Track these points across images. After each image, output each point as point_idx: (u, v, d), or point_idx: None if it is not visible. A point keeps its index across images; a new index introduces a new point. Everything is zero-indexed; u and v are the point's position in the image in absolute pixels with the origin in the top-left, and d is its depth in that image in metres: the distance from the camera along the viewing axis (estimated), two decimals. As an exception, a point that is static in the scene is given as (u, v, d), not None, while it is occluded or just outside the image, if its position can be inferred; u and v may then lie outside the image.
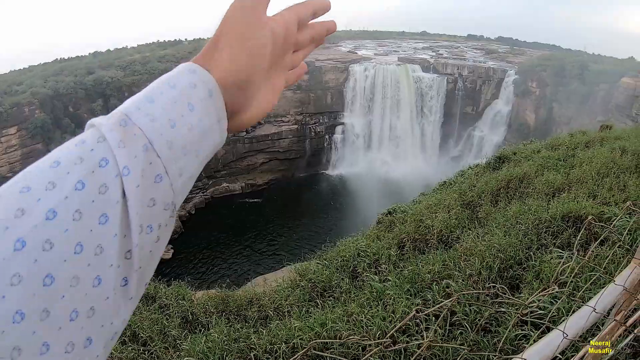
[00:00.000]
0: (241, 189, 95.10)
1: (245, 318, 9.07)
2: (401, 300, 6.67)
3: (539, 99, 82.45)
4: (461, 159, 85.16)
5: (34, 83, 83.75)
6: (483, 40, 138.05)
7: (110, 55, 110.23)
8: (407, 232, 10.36)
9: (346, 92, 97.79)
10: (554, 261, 6.75)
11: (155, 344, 8.06)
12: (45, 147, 77.60)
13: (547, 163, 13.33)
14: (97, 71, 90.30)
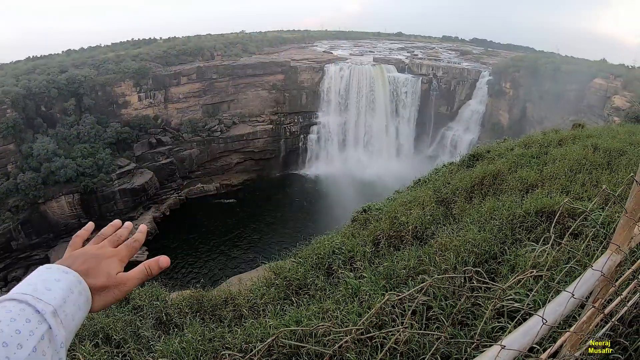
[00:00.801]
0: (216, 189, 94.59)
1: (220, 318, 9.01)
2: (377, 296, 6.63)
3: (513, 99, 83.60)
4: (436, 158, 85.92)
5: (5, 82, 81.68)
6: (458, 42, 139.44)
7: (84, 53, 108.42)
8: (382, 229, 10.35)
9: (321, 92, 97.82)
10: (529, 255, 6.77)
11: (129, 346, 7.95)
12: (17, 147, 76.14)
13: (520, 160, 13.48)
14: (71, 70, 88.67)
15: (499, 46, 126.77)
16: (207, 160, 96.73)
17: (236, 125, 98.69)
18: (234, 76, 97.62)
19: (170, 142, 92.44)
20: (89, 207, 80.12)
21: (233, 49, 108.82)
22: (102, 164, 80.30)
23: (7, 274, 73.91)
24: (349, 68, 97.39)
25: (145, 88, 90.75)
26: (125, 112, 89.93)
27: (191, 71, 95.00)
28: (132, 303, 10.20)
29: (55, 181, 75.84)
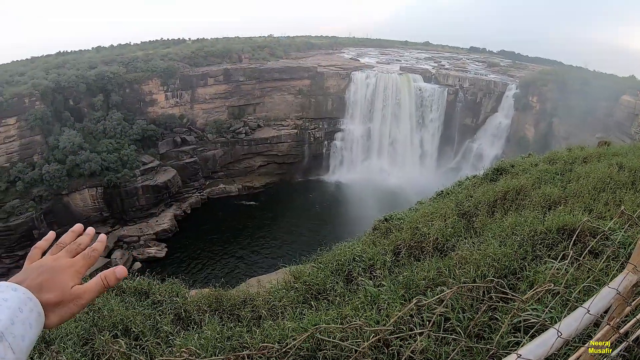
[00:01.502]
0: (238, 190, 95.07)
1: (239, 317, 9.11)
2: (396, 304, 6.71)
3: (539, 113, 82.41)
4: (459, 170, 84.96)
5: (35, 75, 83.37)
6: (485, 53, 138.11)
7: (114, 50, 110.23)
8: (403, 239, 10.40)
9: (347, 98, 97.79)
10: (548, 272, 6.80)
11: (148, 339, 8.08)
12: (43, 139, 77.58)
13: (544, 176, 13.42)
14: (100, 66, 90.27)
15: (527, 59, 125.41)
16: (230, 162, 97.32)
17: (261, 128, 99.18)
18: (261, 79, 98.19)
19: (194, 142, 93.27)
20: (111, 201, 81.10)
21: (261, 53, 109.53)
22: (127, 160, 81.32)
23: (28, 262, 74.74)
24: (375, 76, 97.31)
25: (172, 87, 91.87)
26: (152, 110, 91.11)
27: (218, 73, 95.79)
28: (151, 298, 10.35)
29: (80, 174, 77.02)
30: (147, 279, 11.41)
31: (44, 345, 8.12)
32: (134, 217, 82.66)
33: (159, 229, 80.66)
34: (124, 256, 74.55)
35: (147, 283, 11.07)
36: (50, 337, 8.27)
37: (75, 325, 8.51)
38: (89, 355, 7.64)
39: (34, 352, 7.82)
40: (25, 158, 76.40)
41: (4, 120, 73.91)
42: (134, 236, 79.13)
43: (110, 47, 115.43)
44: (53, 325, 1.95)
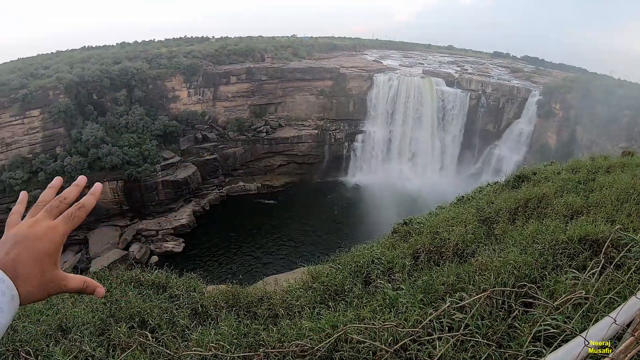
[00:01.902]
0: (257, 189, 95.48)
1: (255, 315, 9.14)
2: (414, 309, 6.70)
3: (562, 120, 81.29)
4: (479, 177, 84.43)
5: (60, 68, 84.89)
6: (509, 59, 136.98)
7: (137, 47, 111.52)
8: (422, 243, 10.37)
9: (369, 100, 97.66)
10: (569, 282, 6.74)
11: (164, 332, 8.14)
12: (66, 131, 78.68)
13: (566, 185, 13.29)
14: (124, 62, 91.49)
15: (551, 65, 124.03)
16: (250, 160, 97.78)
17: (282, 128, 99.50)
18: (283, 79, 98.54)
19: (215, 139, 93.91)
20: (131, 195, 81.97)
21: (283, 52, 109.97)
22: (148, 155, 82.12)
23: (46, 252, 75.85)
24: (397, 79, 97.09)
25: (195, 84, 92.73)
26: (174, 106, 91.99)
27: (241, 71, 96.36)
28: (169, 291, 10.41)
29: (101, 167, 78.05)
30: (165, 272, 11.48)
31: (60, 333, 8.22)
32: (153, 212, 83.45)
33: (177, 224, 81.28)
34: (141, 249, 75.31)
35: (165, 277, 11.16)
36: (67, 326, 8.37)
37: (93, 315, 8.61)
38: (105, 345, 7.72)
39: (49, 339, 7.93)
40: (47, 150, 77.66)
41: (29, 112, 75.27)
42: (152, 230, 79.85)
43: (134, 43, 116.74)
44: (27, 303, 1.80)
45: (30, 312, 9.16)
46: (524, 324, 5.72)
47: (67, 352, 7.36)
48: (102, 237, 77.89)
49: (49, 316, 8.80)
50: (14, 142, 75.88)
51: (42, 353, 7.54)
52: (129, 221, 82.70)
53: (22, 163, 75.27)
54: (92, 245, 76.37)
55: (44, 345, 7.75)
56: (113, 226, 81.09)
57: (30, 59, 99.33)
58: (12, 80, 76.34)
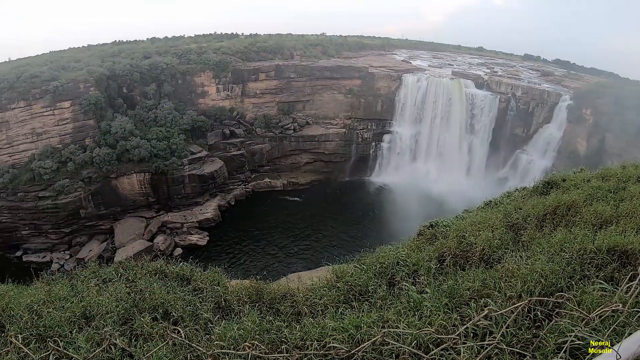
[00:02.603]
0: (283, 186, 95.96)
1: (278, 311, 9.15)
2: (439, 313, 6.66)
3: (592, 127, 79.47)
4: (507, 181, 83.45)
5: (91, 62, 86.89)
6: (539, 62, 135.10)
7: (167, 42, 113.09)
8: (448, 247, 10.29)
9: (397, 101, 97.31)
10: (596, 293, 6.64)
11: (186, 325, 8.19)
12: (96, 123, 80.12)
13: (596, 193, 13.05)
14: (154, 56, 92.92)
15: (582, 69, 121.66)
16: (277, 157, 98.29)
17: (309, 126, 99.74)
18: (312, 77, 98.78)
19: (243, 135, 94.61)
20: (158, 188, 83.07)
21: (312, 51, 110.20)
22: (175, 148, 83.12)
23: (72, 239, 78.43)
24: (426, 79, 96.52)
25: (224, 80, 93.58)
26: (203, 101, 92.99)
27: (270, 68, 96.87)
28: (193, 284, 10.47)
29: (129, 159, 79.24)
30: (189, 265, 11.56)
31: (84, 321, 8.33)
32: (179, 204, 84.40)
33: (202, 217, 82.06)
34: (166, 241, 76.25)
35: (190, 269, 11.24)
36: (90, 314, 8.48)
37: (117, 304, 8.70)
38: (127, 335, 7.80)
39: (73, 326, 8.06)
40: (77, 140, 79.18)
41: (59, 103, 76.83)
42: (178, 223, 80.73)
43: (164, 38, 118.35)
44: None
45: (55, 298, 9.31)
46: (550, 334, 5.65)
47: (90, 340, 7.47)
48: (128, 228, 79.01)
49: (73, 303, 8.91)
50: (44, 133, 77.49)
51: (66, 339, 7.67)
52: (155, 213, 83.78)
53: (52, 153, 76.80)
54: (118, 235, 77.51)
55: (67, 331, 7.88)
56: (139, 217, 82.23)
57: (62, 52, 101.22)
58: (44, 72, 78.21)
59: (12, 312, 8.68)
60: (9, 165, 76.38)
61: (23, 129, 76.34)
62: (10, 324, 8.27)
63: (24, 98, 75.25)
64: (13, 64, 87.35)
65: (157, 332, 7.75)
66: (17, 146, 76.94)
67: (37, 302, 9.07)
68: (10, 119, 75.06)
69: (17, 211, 75.97)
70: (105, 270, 11.38)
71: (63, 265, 73.77)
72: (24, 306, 8.90)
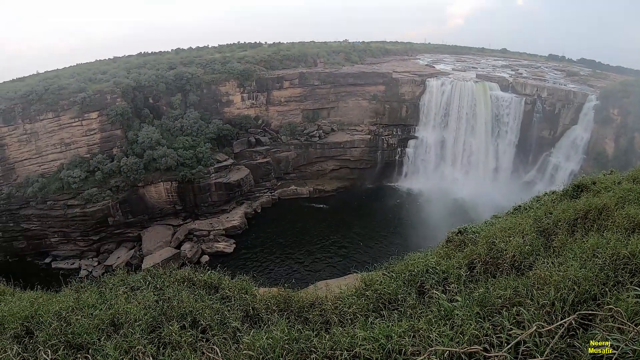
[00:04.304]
0: (309, 193, 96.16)
1: (307, 320, 9.09)
2: (470, 322, 6.57)
3: (620, 127, 77.59)
4: (534, 184, 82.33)
5: (117, 73, 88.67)
6: (564, 62, 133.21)
7: (192, 52, 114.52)
8: (478, 254, 10.15)
9: (422, 105, 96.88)
10: (631, 300, 6.48)
11: (215, 333, 8.19)
12: (123, 133, 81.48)
13: (628, 196, 12.74)
14: (179, 67, 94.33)
15: (608, 68, 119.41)
16: (302, 164, 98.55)
17: (334, 133, 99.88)
18: (336, 84, 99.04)
19: (268, 143, 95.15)
20: (185, 196, 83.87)
21: (336, 57, 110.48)
22: (202, 157, 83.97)
23: (101, 246, 79.75)
24: (450, 83, 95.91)
25: (248, 89, 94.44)
26: (228, 110, 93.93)
27: (294, 76, 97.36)
28: (221, 292, 10.48)
29: (156, 168, 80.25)
30: (217, 273, 11.58)
31: (112, 328, 8.40)
32: (206, 212, 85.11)
33: (228, 225, 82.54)
34: (193, 248, 76.81)
35: (218, 277, 11.26)
36: (118, 322, 8.54)
37: (145, 312, 8.75)
38: (155, 343, 7.83)
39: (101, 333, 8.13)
40: (105, 150, 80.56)
41: (87, 114, 78.46)
42: (204, 230, 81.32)
43: (188, 49, 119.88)
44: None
45: (84, 305, 9.41)
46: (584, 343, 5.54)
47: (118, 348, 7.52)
48: (155, 235, 79.82)
49: (102, 311, 9.00)
50: (72, 143, 79.05)
51: (94, 346, 7.74)
52: (182, 221, 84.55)
53: (80, 162, 78.26)
54: (145, 243, 78.37)
55: (96, 339, 7.95)
56: (166, 225, 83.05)
57: (88, 64, 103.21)
58: (72, 84, 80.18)
59: (41, 318, 8.80)
60: (39, 174, 78.04)
61: (52, 139, 77.98)
62: (39, 330, 8.39)
63: (52, 109, 76.99)
64: (41, 77, 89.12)
65: (185, 341, 7.78)
66: (46, 156, 78.57)
67: (65, 309, 9.21)
68: (39, 129, 76.74)
69: (46, 219, 77.51)
70: (134, 277, 11.48)
71: (91, 272, 74.77)
72: (53, 313, 9.03)
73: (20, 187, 77.13)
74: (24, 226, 77.65)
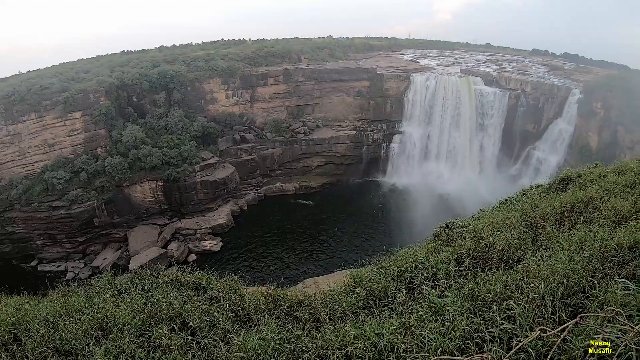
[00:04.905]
0: (295, 189, 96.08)
1: (297, 319, 9.05)
2: (461, 317, 6.57)
3: (604, 120, 78.24)
4: (519, 178, 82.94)
5: (100, 72, 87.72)
6: (548, 56, 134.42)
7: (176, 50, 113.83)
8: (466, 248, 10.17)
9: (406, 101, 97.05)
10: (620, 292, 6.52)
11: (205, 335, 8.13)
12: (107, 133, 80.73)
13: (613, 188, 12.85)
14: (162, 65, 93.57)
15: (592, 62, 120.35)
16: (288, 161, 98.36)
17: (319, 129, 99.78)
18: (320, 80, 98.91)
19: (253, 140, 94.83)
20: (170, 195, 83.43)
21: (320, 54, 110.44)
22: (187, 155, 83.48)
23: (87, 248, 79.15)
24: (435, 78, 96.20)
25: (232, 86, 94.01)
26: (212, 108, 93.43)
27: (278, 73, 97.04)
28: (209, 293, 10.42)
29: (141, 167, 79.72)
30: (205, 273, 11.49)
31: (101, 333, 8.31)
32: (192, 211, 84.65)
33: (215, 223, 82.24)
34: (179, 248, 76.46)
35: (206, 278, 11.18)
36: (107, 326, 8.46)
37: (133, 315, 8.67)
38: (145, 347, 7.75)
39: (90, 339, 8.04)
40: (89, 150, 79.79)
41: (70, 114, 77.58)
42: (191, 229, 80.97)
43: (172, 46, 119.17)
44: None
45: (71, 310, 9.30)
46: (576, 336, 5.54)
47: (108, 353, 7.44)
48: (142, 235, 79.31)
49: (90, 315, 8.90)
50: (56, 143, 78.11)
51: (83, 352, 7.65)
52: (168, 220, 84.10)
53: (64, 163, 77.41)
54: (132, 243, 77.85)
55: (84, 344, 7.85)
56: (152, 225, 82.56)
57: (71, 63, 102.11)
58: (54, 84, 78.94)
59: (28, 325, 8.68)
60: (23, 176, 76.78)
61: (35, 140, 76.86)
62: (27, 337, 8.28)
63: (35, 110, 75.73)
64: (23, 77, 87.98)
65: (175, 344, 7.71)
66: (30, 157, 77.37)
67: (53, 315, 9.10)
68: (22, 131, 75.61)
69: (31, 221, 76.45)
70: (121, 280, 11.38)
71: (78, 274, 73.96)
72: (40, 319, 8.92)
73: (4, 189, 75.76)
74: (8, 229, 76.39)
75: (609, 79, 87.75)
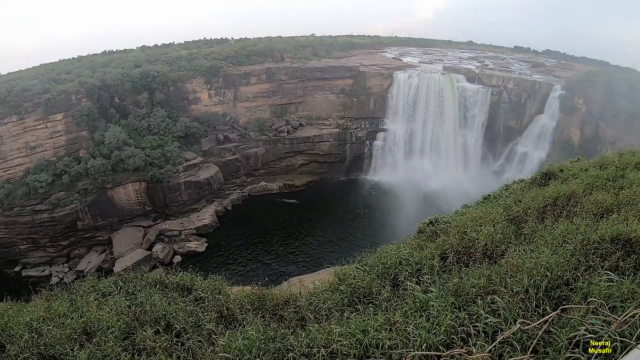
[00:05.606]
0: (279, 188, 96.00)
1: (282, 318, 9.02)
2: (446, 312, 6.56)
3: (585, 116, 79.40)
4: (502, 174, 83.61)
5: (82, 73, 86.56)
6: (530, 53, 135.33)
7: (158, 50, 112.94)
8: (450, 244, 10.19)
9: (389, 98, 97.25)
10: (603, 284, 6.56)
11: (190, 337, 8.08)
12: (89, 134, 79.91)
13: (595, 182, 12.98)
14: (144, 65, 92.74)
15: (573, 59, 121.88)
16: (272, 160, 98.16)
17: (303, 127, 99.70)
18: (303, 79, 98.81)
19: (237, 140, 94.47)
20: (154, 196, 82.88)
21: (303, 52, 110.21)
22: (170, 156, 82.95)
23: (71, 251, 78.27)
24: (418, 76, 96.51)
25: (215, 86, 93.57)
26: (195, 108, 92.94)
27: (261, 72, 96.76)
28: (194, 294, 10.37)
29: (124, 169, 79.11)
30: (189, 274, 11.43)
31: (85, 337, 8.23)
32: (176, 212, 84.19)
33: (200, 224, 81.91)
34: (164, 249, 76.02)
35: (190, 279, 11.12)
36: (91, 330, 8.38)
37: (117, 318, 8.59)
38: (130, 350, 7.69)
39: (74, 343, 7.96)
40: (71, 152, 78.95)
41: (52, 116, 76.62)
42: (175, 230, 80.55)
43: (154, 46, 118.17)
44: None
45: (55, 315, 9.20)
46: (560, 328, 5.56)
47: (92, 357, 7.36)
48: (126, 238, 78.72)
49: (73, 319, 8.81)
50: (38, 146, 77.12)
51: (67, 357, 7.56)
52: (152, 222, 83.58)
53: (47, 166, 76.47)
54: (116, 246, 77.25)
55: (69, 349, 7.76)
56: (136, 227, 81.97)
57: (52, 64, 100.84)
58: (35, 85, 77.74)
59: (11, 331, 8.56)
60: (4, 180, 75.68)
61: (16, 143, 75.79)
62: (10, 344, 8.16)
63: (16, 112, 74.61)
64: (3, 79, 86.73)
65: (160, 346, 7.65)
66: (11, 161, 76.30)
67: (36, 320, 8.99)
68: (3, 133, 74.49)
69: (14, 226, 75.44)
70: (104, 283, 11.29)
71: (62, 278, 73.25)
72: (24, 324, 8.80)
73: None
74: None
75: (590, 75, 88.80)
